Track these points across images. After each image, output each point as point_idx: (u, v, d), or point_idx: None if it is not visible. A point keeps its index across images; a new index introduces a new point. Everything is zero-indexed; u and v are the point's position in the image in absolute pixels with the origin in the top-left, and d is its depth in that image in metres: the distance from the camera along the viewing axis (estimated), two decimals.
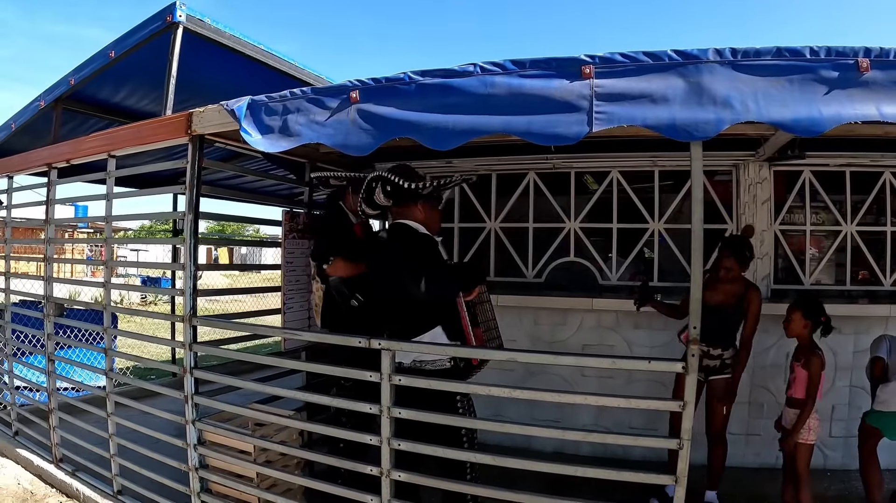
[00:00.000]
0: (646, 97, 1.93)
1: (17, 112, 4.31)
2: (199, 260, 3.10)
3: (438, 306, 2.67)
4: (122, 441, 3.43)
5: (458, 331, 2.69)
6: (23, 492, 3.80)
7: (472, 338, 2.74)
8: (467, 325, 2.72)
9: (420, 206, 2.85)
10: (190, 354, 3.01)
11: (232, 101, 2.77)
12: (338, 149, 2.38)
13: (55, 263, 3.98)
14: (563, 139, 1.97)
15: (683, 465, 2.02)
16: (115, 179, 3.39)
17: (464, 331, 2.71)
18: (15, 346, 4.41)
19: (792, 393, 3.16)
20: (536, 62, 2.09)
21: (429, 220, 2.87)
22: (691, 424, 2.03)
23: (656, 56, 1.96)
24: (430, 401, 2.45)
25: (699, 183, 2.08)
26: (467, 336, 2.72)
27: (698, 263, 2.07)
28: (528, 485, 2.25)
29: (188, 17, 3.32)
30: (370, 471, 2.45)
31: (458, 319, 2.71)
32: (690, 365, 2.02)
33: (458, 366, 2.70)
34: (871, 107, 1.79)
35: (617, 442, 2.13)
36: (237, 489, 2.94)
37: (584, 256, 4.68)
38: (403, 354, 2.62)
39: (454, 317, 2.71)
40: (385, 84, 2.33)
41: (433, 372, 2.64)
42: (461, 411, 2.65)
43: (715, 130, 1.84)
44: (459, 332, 2.69)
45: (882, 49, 1.82)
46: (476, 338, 2.81)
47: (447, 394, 2.57)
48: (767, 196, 4.16)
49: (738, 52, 1.89)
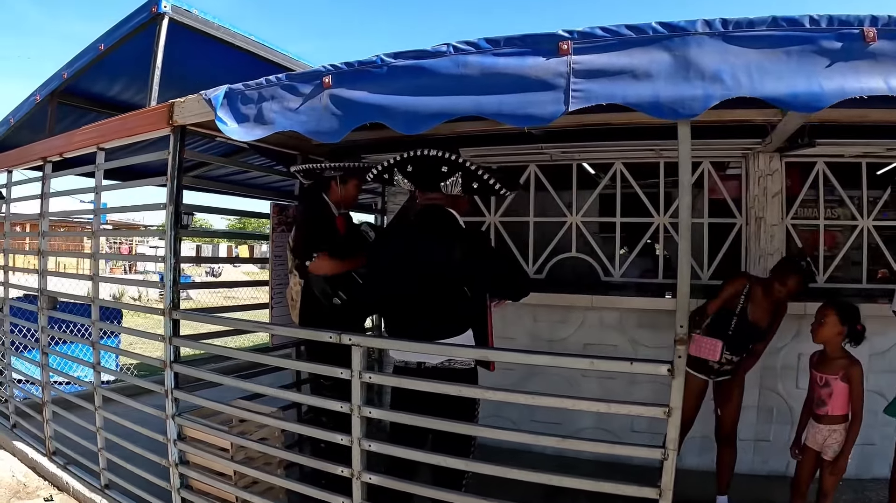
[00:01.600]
0: (627, 73, 1.80)
1: (16, 107, 4.32)
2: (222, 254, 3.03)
3: (476, 310, 2.46)
4: (111, 436, 3.39)
5: (485, 335, 2.48)
6: (16, 483, 3.79)
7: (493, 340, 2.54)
8: (491, 330, 2.52)
9: (467, 198, 2.61)
10: (170, 348, 2.95)
11: (211, 90, 2.70)
12: (310, 136, 2.30)
13: (53, 258, 3.98)
14: (537, 120, 1.86)
15: (668, 478, 1.87)
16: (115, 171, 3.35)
17: (489, 335, 2.50)
18: (12, 340, 4.42)
19: (829, 410, 2.83)
20: (511, 39, 1.97)
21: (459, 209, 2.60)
22: (677, 433, 1.87)
23: (640, 29, 1.83)
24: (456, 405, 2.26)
25: (687, 166, 1.94)
26: (490, 340, 2.51)
27: (686, 255, 1.93)
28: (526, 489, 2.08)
29: (174, 8, 3.26)
30: (341, 473, 2.34)
31: (486, 324, 2.50)
32: (677, 367, 1.87)
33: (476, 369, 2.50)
34: (879, 80, 1.63)
35: (595, 449, 1.99)
36: (215, 486, 2.86)
37: (587, 252, 4.52)
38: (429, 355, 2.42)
39: (484, 321, 2.49)
40: (358, 68, 2.24)
41: (461, 372, 2.42)
42: (477, 416, 2.48)
43: (703, 107, 1.70)
44: (485, 337, 2.48)
45: (891, 17, 1.66)
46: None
47: (471, 401, 2.38)
48: (778, 188, 3.95)
49: (729, 23, 1.74)
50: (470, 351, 2.34)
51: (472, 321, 2.43)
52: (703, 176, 4.23)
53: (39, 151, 3.87)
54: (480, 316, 2.46)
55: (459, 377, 2.37)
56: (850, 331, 2.82)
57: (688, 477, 3.80)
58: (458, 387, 2.17)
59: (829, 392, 2.81)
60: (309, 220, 3.21)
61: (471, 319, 2.43)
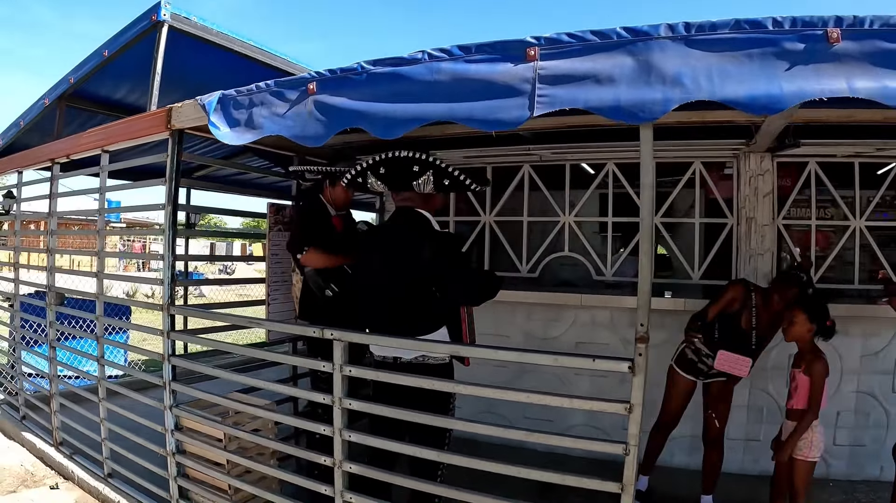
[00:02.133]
0: (590, 78, 1.85)
1: (25, 110, 4.48)
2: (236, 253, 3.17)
3: (449, 308, 2.54)
4: (114, 427, 3.52)
5: (459, 332, 2.57)
6: (24, 472, 3.95)
7: (467, 337, 2.63)
8: (466, 327, 2.60)
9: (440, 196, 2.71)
10: (167, 342, 3.08)
11: (206, 95, 2.81)
12: (295, 140, 2.39)
13: (68, 255, 4.13)
14: (504, 124, 1.92)
15: (629, 472, 1.91)
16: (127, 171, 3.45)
17: (462, 332, 2.59)
18: (23, 335, 4.58)
19: (793, 404, 2.88)
20: (482, 46, 2.05)
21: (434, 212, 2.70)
22: (637, 429, 1.91)
23: (604, 34, 1.88)
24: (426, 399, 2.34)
25: (648, 168, 2.00)
26: (464, 335, 2.60)
27: (648, 256, 1.98)
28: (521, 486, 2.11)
29: (173, 16, 3.38)
30: (324, 462, 2.44)
31: (460, 321, 2.59)
32: (637, 365, 1.92)
33: (452, 364, 2.60)
34: (842, 81, 1.63)
35: (561, 443, 2.03)
36: (209, 475, 2.98)
37: (579, 251, 4.57)
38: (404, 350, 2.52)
39: (457, 318, 2.58)
40: (340, 75, 2.34)
41: (435, 367, 2.52)
42: (452, 409, 2.59)
43: (662, 111, 1.73)
44: (459, 334, 2.58)
45: (856, 18, 1.67)
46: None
47: (444, 394, 2.46)
48: (769, 189, 3.97)
49: (692, 27, 1.78)
50: (440, 346, 2.41)
51: (446, 319, 2.52)
52: (694, 176, 4.26)
53: (48, 153, 4.03)
54: (454, 314, 2.55)
55: (434, 371, 2.46)
56: (819, 328, 2.87)
57: (677, 475, 3.89)
58: (430, 380, 2.24)
59: (795, 386, 2.87)
60: (302, 217, 3.36)
61: (444, 317, 2.52)
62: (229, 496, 3.01)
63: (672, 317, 4.08)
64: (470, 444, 2.05)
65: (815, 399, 2.79)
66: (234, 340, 8.15)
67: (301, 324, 3.23)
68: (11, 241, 4.68)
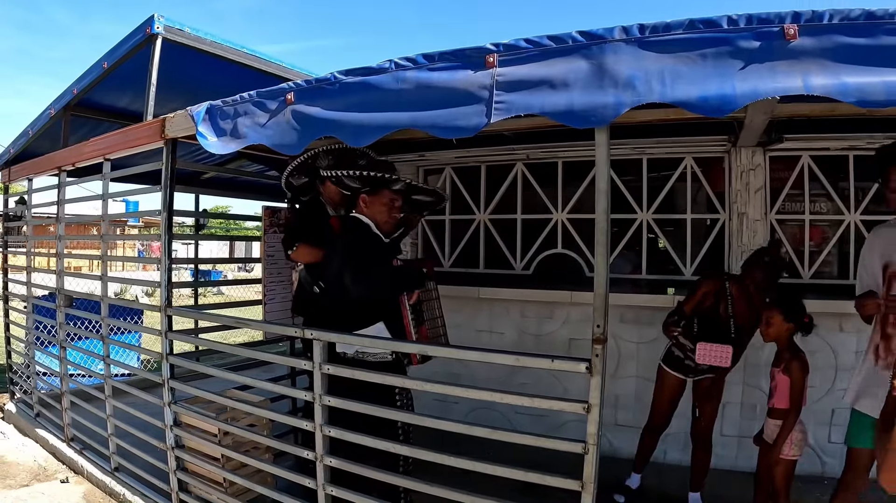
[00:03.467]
0: (545, 83, 1.88)
1: (34, 120, 4.66)
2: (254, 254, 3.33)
3: (380, 303, 2.72)
4: (120, 423, 3.66)
5: (400, 327, 2.73)
6: (37, 467, 4.13)
7: (412, 334, 2.76)
8: (409, 323, 2.75)
9: (362, 198, 2.88)
10: (165, 342, 3.20)
11: (196, 106, 2.93)
12: (274, 148, 2.48)
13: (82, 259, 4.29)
14: (463, 131, 1.96)
15: (589, 470, 1.93)
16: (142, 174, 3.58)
17: (405, 328, 2.74)
18: (36, 335, 4.77)
19: (773, 403, 2.89)
20: (445, 54, 2.10)
21: (373, 215, 2.87)
22: (596, 428, 1.93)
23: (560, 39, 1.89)
24: (369, 392, 2.47)
25: (603, 172, 1.99)
26: (408, 333, 2.75)
27: (602, 256, 2.02)
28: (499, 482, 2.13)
29: (167, 28, 3.50)
30: (306, 456, 2.54)
31: (401, 317, 2.74)
32: (594, 366, 1.95)
33: (399, 361, 2.75)
34: (797, 79, 1.59)
35: (522, 441, 2.07)
36: (205, 468, 3.11)
37: (572, 248, 4.61)
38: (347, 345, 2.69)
39: (396, 315, 2.74)
40: (315, 85, 2.42)
41: (374, 363, 2.70)
42: (399, 404, 2.70)
43: (613, 115, 1.75)
44: (401, 329, 2.73)
45: (815, 13, 1.63)
46: (422, 336, 2.83)
47: (386, 387, 2.59)
48: (761, 184, 3.97)
49: (646, 29, 1.78)
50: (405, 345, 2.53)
51: (379, 314, 2.71)
52: (685, 172, 4.27)
53: (55, 161, 4.20)
54: (389, 308, 2.73)
55: (374, 368, 2.64)
56: (797, 325, 2.86)
57: (670, 472, 3.92)
58: (401, 378, 2.33)
59: (775, 384, 2.87)
60: (296, 216, 3.51)
61: (376, 313, 2.71)
62: (225, 489, 3.13)
63: (663, 314, 4.11)
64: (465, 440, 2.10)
65: (796, 398, 2.79)
66: (252, 336, 8.35)
67: (286, 324, 3.35)
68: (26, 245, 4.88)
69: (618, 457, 4.04)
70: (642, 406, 4.23)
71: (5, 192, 5.60)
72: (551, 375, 4.21)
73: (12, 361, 5.46)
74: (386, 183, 2.83)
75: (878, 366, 2.43)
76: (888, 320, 2.42)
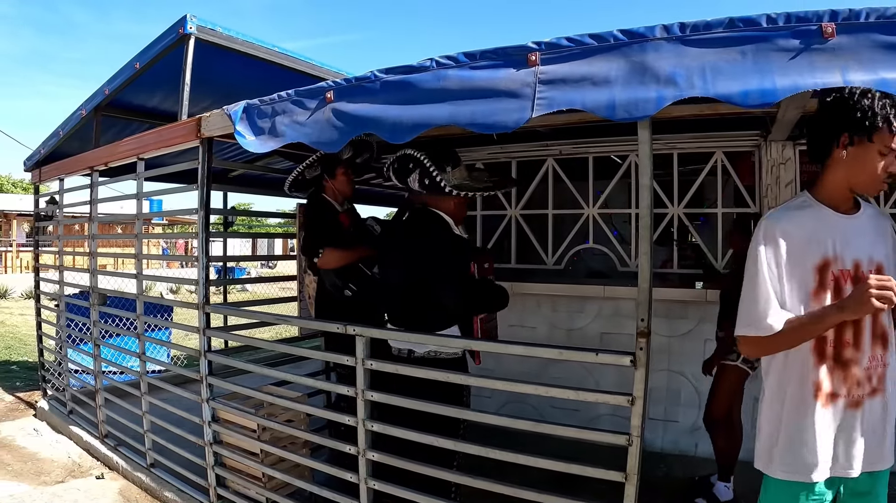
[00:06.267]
0: (587, 80, 1.92)
1: (64, 120, 4.73)
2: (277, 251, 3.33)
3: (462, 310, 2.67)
4: (155, 419, 3.73)
5: (470, 331, 2.71)
6: (71, 464, 4.22)
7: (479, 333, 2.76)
8: (479, 326, 2.74)
9: (454, 200, 2.75)
10: (203, 339, 3.26)
11: (232, 105, 2.97)
12: (313, 146, 2.53)
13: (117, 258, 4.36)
14: (503, 127, 2.00)
15: (633, 462, 1.95)
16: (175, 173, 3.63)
17: (475, 330, 2.73)
18: (69, 334, 4.86)
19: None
20: (486, 53, 2.13)
21: (458, 214, 2.81)
22: (640, 421, 1.95)
23: (601, 38, 1.93)
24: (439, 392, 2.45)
25: (647, 168, 2.03)
26: (476, 333, 2.74)
27: (646, 253, 2.04)
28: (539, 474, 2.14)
29: (199, 28, 3.54)
30: (349, 451, 2.58)
31: (471, 320, 2.73)
32: (638, 359, 1.98)
33: (465, 358, 2.74)
34: (836, 74, 1.63)
35: (566, 434, 2.08)
36: (244, 464, 3.17)
37: (604, 243, 4.62)
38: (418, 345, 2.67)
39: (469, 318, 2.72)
40: (355, 83, 2.45)
41: (447, 361, 2.65)
42: (466, 400, 2.71)
43: (655, 108, 1.79)
44: (470, 331, 2.71)
45: (851, 11, 1.67)
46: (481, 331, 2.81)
47: (456, 386, 2.57)
48: (791, 178, 3.94)
49: (686, 27, 1.82)
50: (452, 340, 2.53)
51: (457, 318, 2.65)
52: (716, 166, 4.26)
53: (87, 161, 4.27)
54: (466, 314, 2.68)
55: (445, 365, 2.59)
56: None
57: (703, 465, 3.91)
58: (444, 373, 2.36)
59: None
60: (310, 220, 3.45)
61: (454, 316, 2.65)
62: (263, 483, 3.18)
63: (695, 307, 4.11)
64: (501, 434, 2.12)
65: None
66: (277, 333, 8.43)
67: (327, 321, 3.36)
68: (57, 244, 4.97)
69: (649, 450, 4.05)
70: (673, 400, 4.25)
71: (36, 192, 5.70)
72: (583, 368, 4.23)
73: (44, 359, 5.57)
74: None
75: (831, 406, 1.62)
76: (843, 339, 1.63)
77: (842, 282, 1.63)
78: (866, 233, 1.71)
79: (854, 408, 1.62)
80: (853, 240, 1.68)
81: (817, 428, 1.61)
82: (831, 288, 1.63)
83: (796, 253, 1.64)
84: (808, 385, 1.63)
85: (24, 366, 7.47)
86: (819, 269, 1.64)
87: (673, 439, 4.22)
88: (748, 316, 1.65)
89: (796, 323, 1.60)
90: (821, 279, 1.63)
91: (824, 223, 1.68)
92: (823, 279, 1.63)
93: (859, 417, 1.62)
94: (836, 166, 1.72)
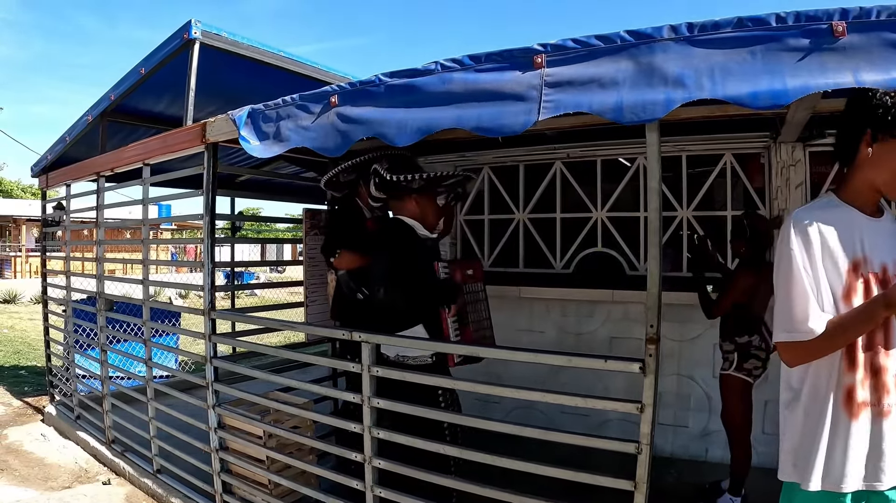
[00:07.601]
0: (594, 82, 1.89)
1: (70, 126, 4.74)
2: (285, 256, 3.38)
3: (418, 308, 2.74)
4: (161, 425, 3.72)
5: (439, 330, 2.73)
6: (78, 469, 4.21)
7: (450, 337, 2.76)
8: (447, 327, 2.74)
9: (414, 199, 2.86)
10: (209, 345, 3.25)
11: (237, 110, 2.96)
12: (317, 151, 2.50)
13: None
14: (509, 130, 1.97)
15: (642, 471, 1.91)
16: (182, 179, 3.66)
17: (444, 331, 2.74)
18: (76, 339, 4.87)
19: None
20: (491, 56, 2.11)
21: (425, 216, 2.88)
22: (650, 428, 1.91)
23: (608, 39, 1.90)
24: (412, 394, 2.49)
25: (655, 171, 2.00)
26: (446, 335, 2.75)
27: (655, 257, 2.00)
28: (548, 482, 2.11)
29: (204, 33, 3.53)
30: (355, 458, 2.55)
31: (439, 321, 2.74)
32: (648, 365, 1.94)
33: (440, 362, 2.74)
34: (847, 74, 1.59)
35: (573, 442, 2.05)
36: (250, 470, 3.14)
37: (612, 246, 4.59)
38: (387, 348, 2.71)
39: (435, 318, 2.74)
40: (359, 87, 2.44)
41: (415, 366, 2.70)
42: (443, 405, 2.69)
43: (664, 111, 1.75)
44: (440, 331, 2.73)
45: (862, 9, 1.62)
46: (465, 337, 2.82)
47: (429, 389, 2.58)
48: (801, 179, 3.89)
49: (694, 27, 1.79)
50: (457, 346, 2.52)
51: (418, 318, 2.71)
52: (724, 168, 4.22)
53: (93, 167, 4.28)
54: (429, 312, 2.74)
55: (416, 370, 2.65)
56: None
57: (713, 470, 3.86)
58: (451, 380, 2.33)
59: None
60: (335, 220, 3.52)
61: (415, 317, 2.71)
62: (269, 490, 3.16)
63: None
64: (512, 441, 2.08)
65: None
66: (284, 338, 8.43)
67: (332, 326, 3.36)
68: (65, 251, 4.99)
69: (658, 455, 4.00)
70: (683, 405, 4.20)
71: (43, 198, 5.72)
72: (593, 373, 4.16)
73: (52, 364, 5.58)
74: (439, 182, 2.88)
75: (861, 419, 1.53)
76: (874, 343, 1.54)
77: (871, 284, 1.55)
78: (891, 237, 1.64)
79: (884, 418, 1.53)
80: (880, 242, 1.60)
81: (851, 440, 1.51)
82: (861, 290, 1.54)
83: (830, 253, 1.55)
84: (838, 393, 1.54)
85: (32, 370, 7.50)
86: (851, 271, 1.55)
87: (683, 444, 4.17)
88: (787, 321, 1.53)
89: (840, 322, 1.49)
90: (852, 281, 1.55)
91: (853, 224, 1.60)
92: (854, 281, 1.55)
93: (889, 428, 1.53)
94: (863, 166, 1.63)
